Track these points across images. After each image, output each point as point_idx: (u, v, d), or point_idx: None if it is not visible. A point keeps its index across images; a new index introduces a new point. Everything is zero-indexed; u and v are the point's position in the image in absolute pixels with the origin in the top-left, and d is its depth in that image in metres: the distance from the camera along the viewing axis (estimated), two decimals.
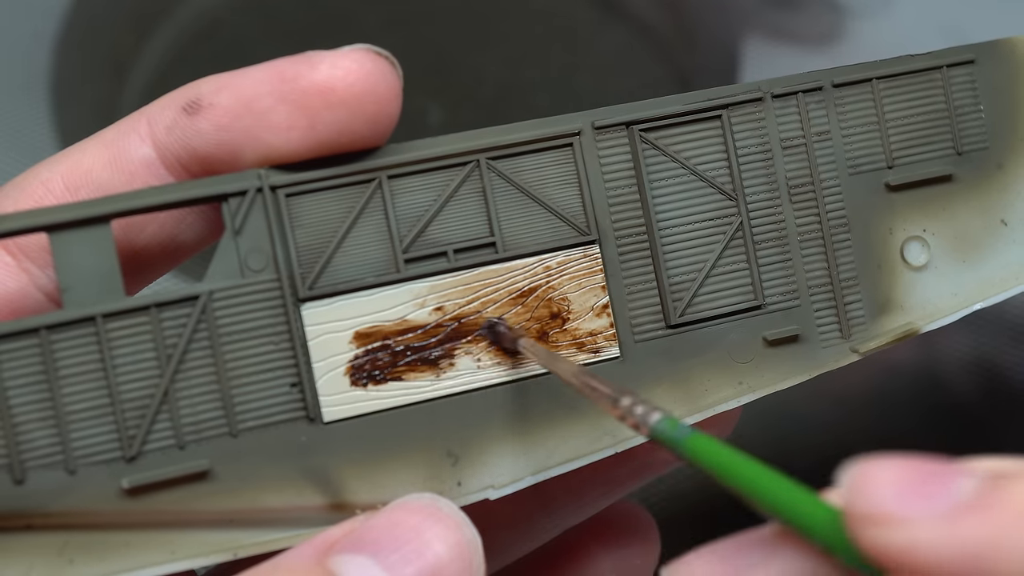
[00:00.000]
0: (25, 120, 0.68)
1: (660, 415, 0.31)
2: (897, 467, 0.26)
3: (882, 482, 0.26)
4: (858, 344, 0.39)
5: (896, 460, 0.27)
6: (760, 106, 0.39)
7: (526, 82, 0.71)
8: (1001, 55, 0.41)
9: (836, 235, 0.39)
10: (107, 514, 0.35)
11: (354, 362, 0.36)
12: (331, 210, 0.36)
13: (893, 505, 0.26)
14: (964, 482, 0.26)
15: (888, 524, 0.26)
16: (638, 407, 0.32)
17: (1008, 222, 0.40)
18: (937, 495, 0.26)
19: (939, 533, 0.25)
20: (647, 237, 0.38)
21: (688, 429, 0.30)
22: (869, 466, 0.27)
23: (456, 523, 0.34)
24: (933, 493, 0.26)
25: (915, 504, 0.26)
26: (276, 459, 0.36)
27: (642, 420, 0.31)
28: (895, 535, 0.26)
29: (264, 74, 0.36)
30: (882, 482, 0.26)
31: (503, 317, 0.37)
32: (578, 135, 0.38)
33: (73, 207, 0.35)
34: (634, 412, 0.32)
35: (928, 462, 0.27)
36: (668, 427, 0.31)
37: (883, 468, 0.27)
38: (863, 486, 0.26)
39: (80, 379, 0.35)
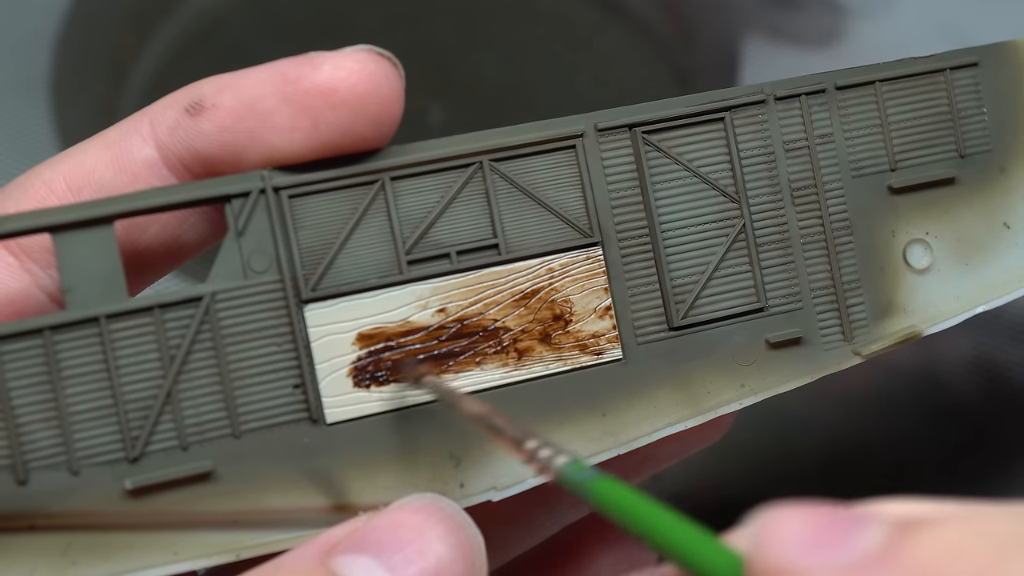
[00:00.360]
0: (25, 120, 0.68)
1: (565, 459, 0.30)
2: (802, 516, 0.25)
3: (787, 534, 0.25)
4: (860, 347, 0.39)
5: (803, 508, 0.26)
6: (763, 108, 0.39)
7: (526, 82, 0.71)
8: (1005, 58, 0.41)
9: (839, 238, 0.39)
10: (110, 515, 0.35)
11: (357, 364, 0.36)
12: (334, 211, 0.36)
13: (795, 557, 0.25)
14: (871, 531, 0.25)
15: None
16: (543, 450, 0.31)
17: (1011, 225, 0.40)
18: (841, 545, 0.25)
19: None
20: (650, 239, 0.38)
21: (593, 473, 0.29)
22: (773, 515, 0.26)
23: (458, 523, 0.34)
24: (837, 543, 0.25)
25: (817, 555, 0.25)
26: (279, 460, 0.36)
27: (547, 464, 0.30)
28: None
29: (267, 75, 0.36)
30: (787, 534, 0.25)
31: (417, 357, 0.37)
32: (581, 137, 0.38)
33: (76, 208, 0.35)
34: (539, 456, 0.31)
35: (836, 509, 0.26)
36: (573, 471, 0.30)
37: (787, 517, 0.25)
38: (767, 539, 0.25)
39: (83, 380, 0.35)
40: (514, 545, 0.45)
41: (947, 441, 0.63)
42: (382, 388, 0.36)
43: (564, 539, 0.46)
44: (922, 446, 0.62)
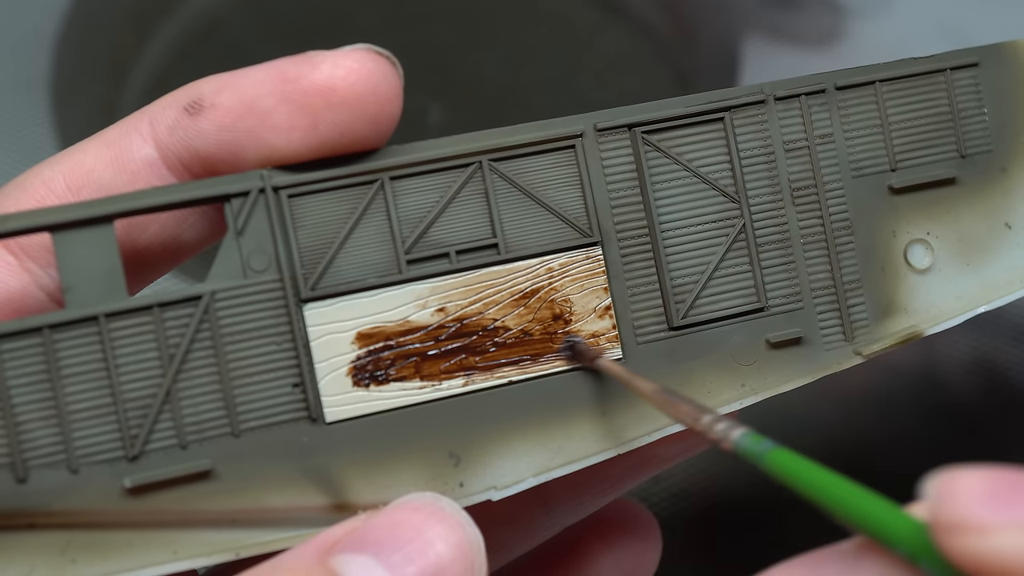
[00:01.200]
0: (25, 120, 0.68)
1: (742, 431, 0.31)
2: (982, 477, 0.26)
3: (968, 492, 0.26)
4: (861, 347, 0.39)
5: (980, 470, 0.26)
6: (763, 108, 0.39)
7: (526, 82, 0.71)
8: (1005, 58, 0.41)
9: (839, 238, 0.39)
10: (109, 513, 0.35)
11: (356, 363, 0.36)
12: (333, 211, 0.36)
13: (980, 513, 0.26)
14: None
15: (975, 532, 0.26)
16: (719, 424, 0.32)
17: (1012, 225, 0.40)
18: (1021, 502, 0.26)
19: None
20: (649, 239, 0.38)
21: (770, 444, 0.30)
22: (954, 477, 0.26)
23: (458, 522, 0.34)
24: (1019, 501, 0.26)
25: (1002, 512, 0.26)
26: (278, 459, 0.36)
27: (724, 436, 0.31)
28: (982, 543, 0.26)
29: (266, 74, 0.36)
30: (968, 492, 0.26)
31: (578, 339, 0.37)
32: (580, 137, 0.38)
33: (76, 207, 0.35)
34: (715, 429, 0.32)
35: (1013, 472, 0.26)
36: (751, 443, 0.31)
37: (968, 478, 0.26)
38: (948, 496, 0.26)
39: (82, 378, 0.35)
40: (514, 546, 0.45)
41: (947, 441, 0.63)
42: (381, 387, 0.36)
43: (564, 540, 0.46)
44: (922, 446, 0.62)
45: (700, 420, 0.32)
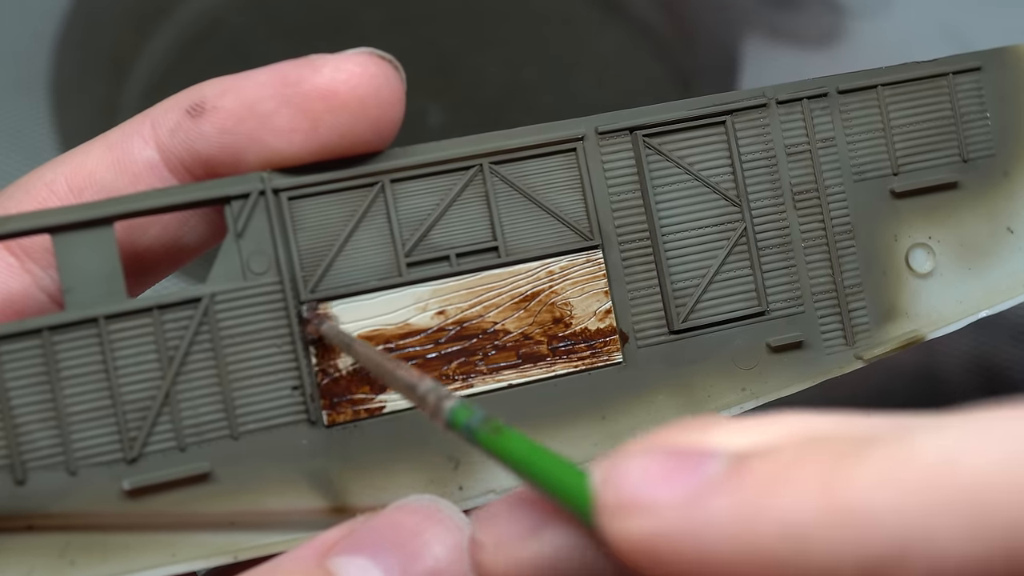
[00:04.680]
0: (25, 120, 0.68)
1: (453, 403, 0.30)
2: (647, 455, 0.26)
3: (633, 469, 0.26)
4: (862, 351, 0.39)
5: (647, 448, 0.26)
6: (764, 112, 0.39)
7: (526, 82, 0.71)
8: (1008, 62, 0.41)
9: (841, 242, 0.39)
10: (108, 515, 0.35)
11: (356, 365, 0.36)
12: (334, 213, 0.36)
13: (640, 490, 0.25)
14: (712, 463, 0.25)
15: (632, 512, 0.25)
16: (432, 395, 0.31)
17: (1014, 230, 0.40)
18: (684, 478, 0.25)
19: (685, 515, 0.25)
20: (650, 242, 0.38)
21: (480, 416, 0.30)
22: (619, 457, 0.26)
23: (456, 525, 0.34)
24: (680, 476, 0.25)
25: (661, 489, 0.25)
26: (277, 462, 0.36)
27: (437, 409, 0.31)
28: (639, 523, 0.25)
29: (267, 77, 0.36)
30: (633, 469, 0.26)
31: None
32: (582, 140, 0.38)
33: (76, 209, 0.35)
34: (428, 400, 0.31)
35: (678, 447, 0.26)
36: (460, 415, 0.30)
37: (633, 456, 0.26)
38: (612, 473, 0.26)
39: (82, 380, 0.35)
40: None
41: None
42: (381, 390, 0.36)
43: None
44: None
45: (416, 391, 0.31)
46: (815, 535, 0.24)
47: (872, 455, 0.24)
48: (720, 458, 0.26)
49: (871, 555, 0.23)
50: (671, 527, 0.25)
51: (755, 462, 0.25)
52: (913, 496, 0.23)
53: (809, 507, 0.24)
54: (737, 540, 0.24)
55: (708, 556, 0.25)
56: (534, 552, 0.28)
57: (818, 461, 0.24)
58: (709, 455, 0.26)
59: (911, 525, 0.23)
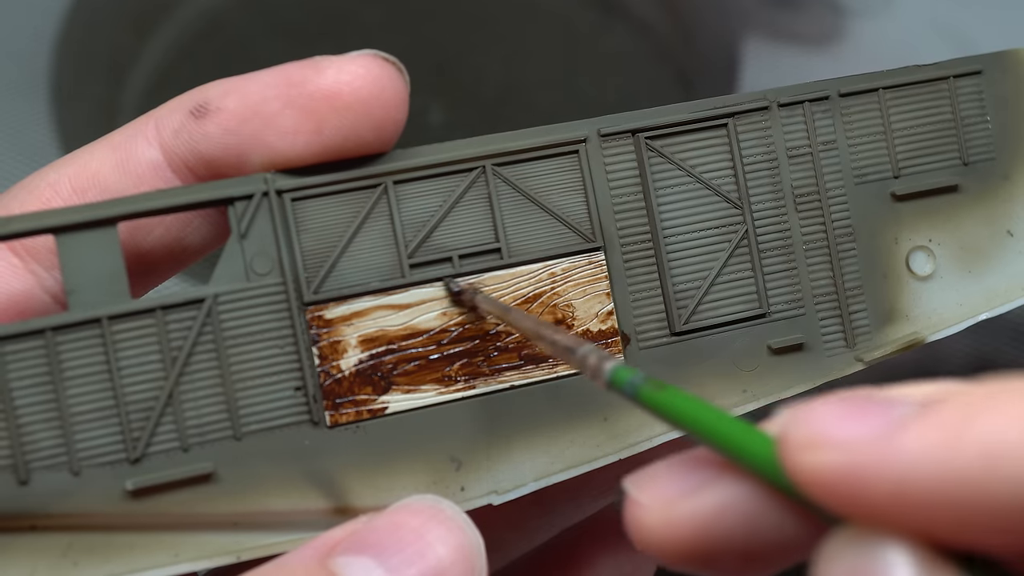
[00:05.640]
0: (25, 120, 0.68)
1: (614, 363, 0.31)
2: (833, 402, 0.26)
3: (819, 412, 0.26)
4: (863, 353, 0.39)
5: (833, 397, 0.26)
6: (766, 115, 0.39)
7: (526, 82, 0.71)
8: (1008, 66, 0.41)
9: (841, 244, 0.39)
10: (111, 516, 0.35)
11: (358, 366, 0.36)
12: (337, 215, 0.36)
13: (830, 429, 0.26)
14: (898, 409, 0.26)
15: (825, 447, 0.26)
16: (592, 357, 0.32)
17: (1014, 233, 0.40)
18: (874, 418, 0.26)
19: (879, 447, 0.25)
20: (652, 244, 0.38)
21: (641, 377, 0.30)
22: (805, 404, 0.27)
23: (458, 525, 0.34)
24: (870, 417, 0.26)
25: (852, 427, 0.26)
26: (280, 462, 0.36)
27: (597, 370, 0.31)
28: (832, 456, 0.25)
29: (271, 78, 0.36)
30: (819, 412, 0.26)
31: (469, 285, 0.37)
32: (584, 142, 0.38)
33: (80, 209, 0.35)
34: (589, 363, 0.32)
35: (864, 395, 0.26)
36: (621, 375, 0.31)
37: (819, 403, 0.26)
38: (798, 416, 0.26)
39: (85, 381, 0.35)
40: (513, 547, 0.45)
41: None
42: (384, 391, 0.36)
43: (563, 541, 0.46)
44: None
45: (575, 353, 0.32)
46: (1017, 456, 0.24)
47: None
48: (907, 403, 0.26)
49: None
50: (865, 458, 0.25)
51: (948, 401, 0.25)
52: None
53: (1010, 431, 0.24)
54: (936, 466, 0.25)
55: (905, 486, 0.25)
56: (696, 508, 0.28)
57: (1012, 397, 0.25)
58: (897, 400, 0.26)
59: None
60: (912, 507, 0.25)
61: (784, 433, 0.26)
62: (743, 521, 0.28)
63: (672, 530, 0.28)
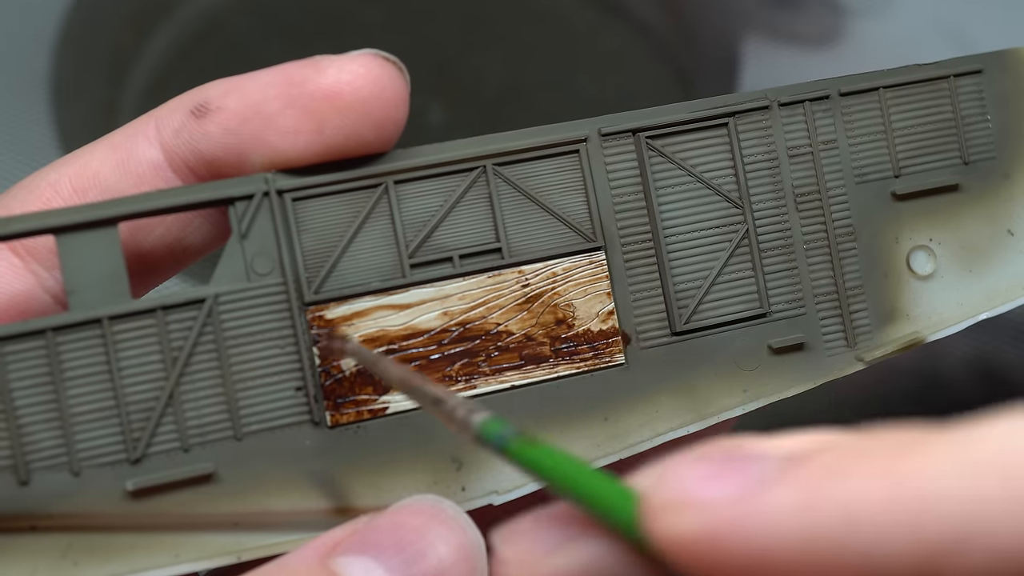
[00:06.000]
0: (25, 120, 0.68)
1: (482, 417, 0.30)
2: (698, 459, 0.26)
3: (684, 470, 0.25)
4: (863, 353, 0.39)
5: (698, 454, 0.26)
6: (767, 114, 0.39)
7: (526, 82, 0.71)
8: (1009, 65, 0.41)
9: (842, 244, 0.39)
10: (111, 516, 0.35)
11: (359, 366, 0.36)
12: (337, 215, 0.36)
13: (691, 489, 0.25)
14: (763, 464, 0.25)
15: (684, 509, 0.25)
16: (460, 410, 0.31)
17: (1015, 232, 0.40)
18: (735, 477, 0.25)
19: (739, 509, 0.24)
20: (653, 244, 0.38)
21: (510, 431, 0.29)
22: (671, 461, 0.26)
23: (460, 525, 0.34)
24: (731, 476, 0.25)
25: (713, 487, 0.25)
26: (280, 463, 0.36)
27: (465, 423, 0.30)
28: (690, 519, 0.25)
29: (272, 78, 0.36)
30: (684, 470, 0.25)
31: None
32: (584, 142, 0.38)
33: (80, 209, 0.35)
34: (456, 416, 0.31)
35: (729, 450, 0.26)
36: (490, 429, 0.30)
37: (685, 461, 0.26)
38: (664, 475, 0.26)
39: (85, 381, 0.35)
40: None
41: None
42: (384, 391, 0.36)
43: None
44: None
45: (443, 406, 0.31)
46: (877, 522, 0.23)
47: (933, 447, 0.24)
48: (771, 459, 0.25)
49: (934, 540, 0.23)
50: (725, 521, 0.24)
51: (811, 458, 0.25)
52: (978, 483, 0.23)
53: (871, 495, 0.24)
54: (795, 529, 0.24)
55: (763, 548, 0.24)
56: (559, 566, 0.27)
57: (880, 452, 0.24)
58: (760, 458, 0.25)
59: (976, 511, 0.23)
60: (772, 572, 0.24)
61: (645, 495, 0.26)
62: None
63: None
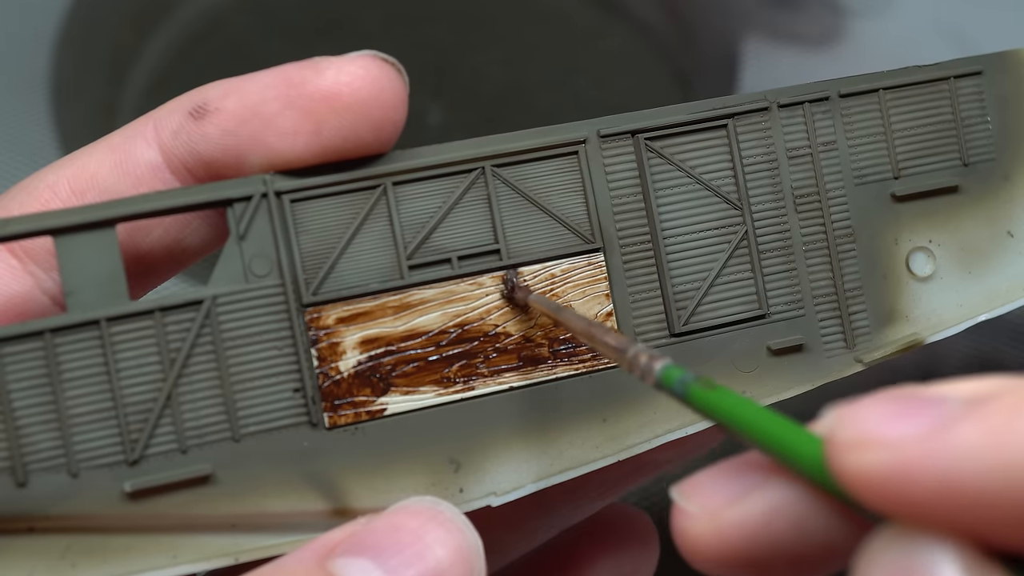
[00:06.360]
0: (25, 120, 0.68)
1: (663, 363, 0.31)
2: (880, 400, 0.26)
3: (865, 411, 0.26)
4: (862, 354, 0.39)
5: (879, 396, 0.26)
6: (766, 116, 0.39)
7: (526, 82, 0.71)
8: (1009, 67, 0.41)
9: (841, 245, 0.39)
10: (109, 517, 0.35)
11: (358, 368, 0.36)
12: (336, 216, 0.36)
13: (876, 428, 0.25)
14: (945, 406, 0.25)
15: (872, 447, 0.25)
16: (643, 357, 0.32)
17: (1014, 234, 0.40)
18: (921, 416, 0.25)
19: (926, 445, 0.25)
20: (651, 245, 0.38)
21: (690, 376, 0.30)
22: (851, 404, 0.26)
23: (457, 527, 0.34)
24: (916, 415, 0.25)
25: (898, 425, 0.25)
26: (278, 464, 0.36)
27: (647, 370, 0.31)
28: (879, 456, 0.25)
29: (271, 79, 0.36)
30: (865, 411, 0.26)
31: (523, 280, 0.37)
32: (583, 143, 0.38)
33: (78, 211, 0.35)
34: (639, 363, 0.32)
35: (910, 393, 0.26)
36: (671, 374, 0.31)
37: (865, 403, 0.26)
38: (845, 415, 0.26)
39: (83, 382, 0.35)
40: (512, 548, 0.45)
41: None
42: (382, 393, 0.36)
43: (562, 543, 0.46)
44: None
45: (625, 353, 0.32)
46: None
47: None
48: (953, 401, 0.25)
49: None
50: (912, 458, 0.25)
51: (995, 398, 0.25)
52: None
53: None
54: (983, 465, 0.24)
55: (953, 484, 0.24)
56: (744, 514, 0.28)
57: None
58: (943, 399, 0.26)
59: None
60: (960, 507, 0.24)
61: (830, 434, 0.26)
62: (792, 525, 0.28)
63: (721, 538, 0.28)
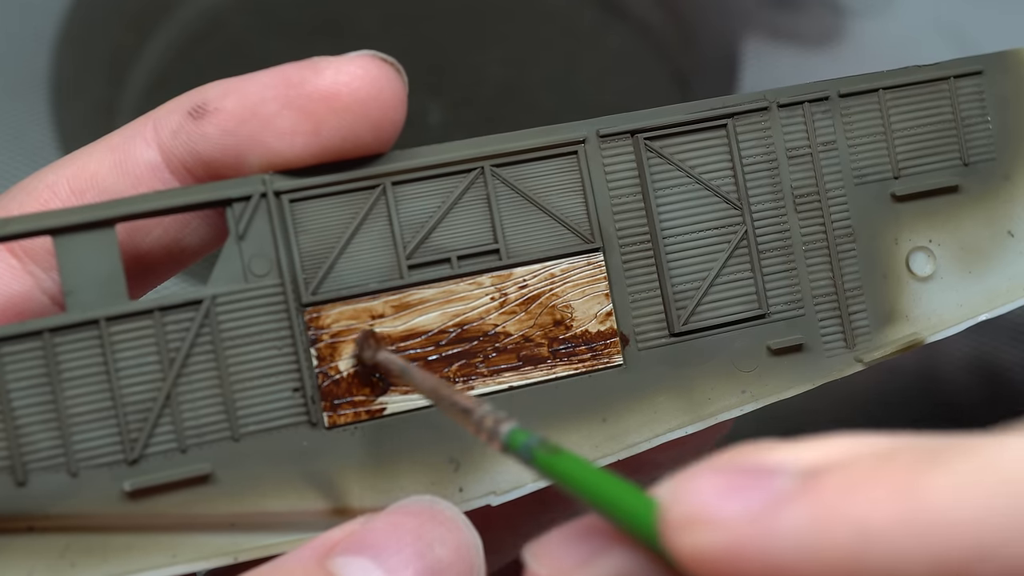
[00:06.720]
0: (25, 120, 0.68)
1: (509, 426, 0.30)
2: (715, 471, 0.26)
3: (700, 484, 0.25)
4: (862, 354, 0.39)
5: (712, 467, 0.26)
6: (766, 115, 0.39)
7: (526, 82, 0.71)
8: (1009, 66, 0.41)
9: (841, 245, 0.39)
10: (109, 517, 0.35)
11: (357, 367, 0.36)
12: (335, 216, 0.36)
13: (708, 506, 0.25)
14: (780, 479, 0.25)
15: (702, 526, 0.25)
16: (489, 419, 0.31)
17: (1015, 233, 0.40)
18: (753, 492, 0.25)
19: (756, 527, 0.25)
20: (651, 245, 0.38)
21: (536, 440, 0.30)
22: (684, 476, 0.26)
23: (457, 525, 0.34)
24: (748, 491, 0.25)
25: (730, 503, 0.25)
26: (278, 463, 0.36)
27: (493, 433, 0.31)
28: (710, 537, 0.25)
29: (270, 79, 0.36)
30: (700, 484, 0.25)
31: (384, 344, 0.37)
32: (583, 143, 0.38)
33: (78, 211, 0.35)
34: (485, 426, 0.31)
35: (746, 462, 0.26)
36: (516, 438, 0.30)
37: (701, 473, 0.26)
38: (680, 489, 0.26)
39: (83, 382, 0.35)
40: (512, 548, 0.45)
41: None
42: (382, 392, 0.36)
43: None
44: None
45: (472, 416, 0.32)
46: (892, 540, 0.24)
47: (949, 463, 0.24)
48: (788, 474, 0.25)
49: (946, 560, 0.23)
50: (742, 539, 0.25)
51: (827, 475, 0.25)
52: (994, 500, 0.23)
53: (886, 513, 0.24)
54: (810, 549, 0.24)
55: (780, 567, 0.24)
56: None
57: (893, 471, 0.24)
58: (777, 471, 0.25)
59: (990, 530, 0.23)
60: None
61: (663, 510, 0.26)
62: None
63: None
